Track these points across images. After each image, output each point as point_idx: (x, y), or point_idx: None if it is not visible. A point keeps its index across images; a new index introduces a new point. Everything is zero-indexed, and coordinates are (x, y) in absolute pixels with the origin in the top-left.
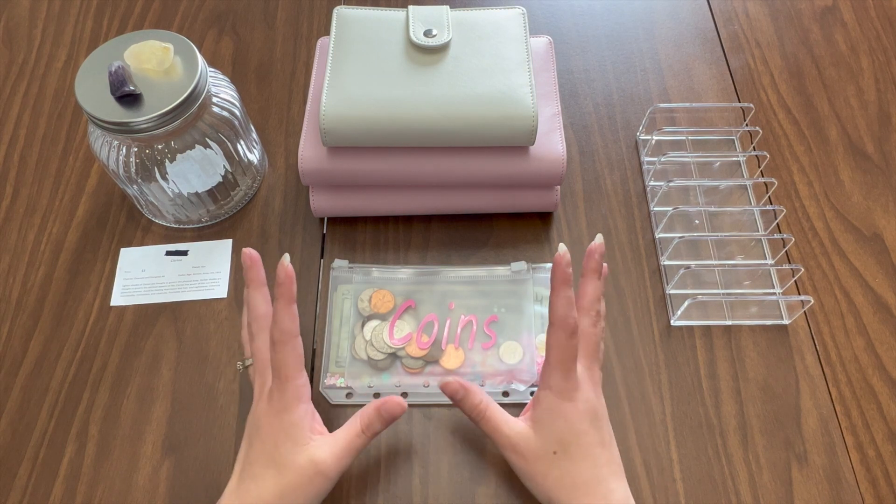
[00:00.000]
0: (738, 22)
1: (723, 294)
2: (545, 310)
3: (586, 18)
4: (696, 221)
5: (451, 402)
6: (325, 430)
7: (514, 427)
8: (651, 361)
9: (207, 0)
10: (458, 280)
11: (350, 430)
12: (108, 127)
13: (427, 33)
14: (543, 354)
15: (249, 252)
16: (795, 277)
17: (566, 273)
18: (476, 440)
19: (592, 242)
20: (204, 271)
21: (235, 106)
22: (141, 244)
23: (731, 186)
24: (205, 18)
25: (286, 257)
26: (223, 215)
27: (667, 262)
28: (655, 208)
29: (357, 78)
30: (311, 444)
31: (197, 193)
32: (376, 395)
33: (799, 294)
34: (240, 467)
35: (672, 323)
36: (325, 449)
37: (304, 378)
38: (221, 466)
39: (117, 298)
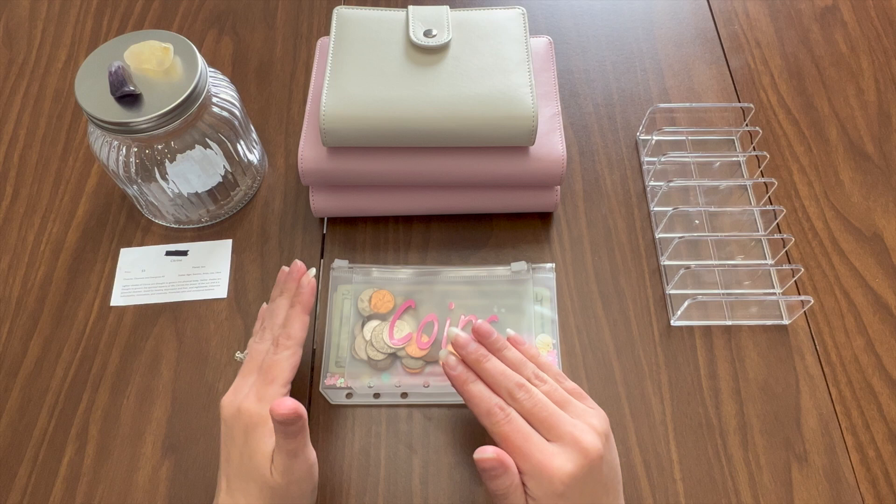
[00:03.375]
0: (738, 22)
1: (723, 294)
2: (545, 310)
3: (586, 18)
4: (696, 221)
5: (450, 403)
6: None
7: None
8: (651, 361)
9: (207, 0)
10: (458, 280)
11: (277, 438)
12: (108, 127)
13: (427, 33)
14: (543, 354)
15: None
16: (795, 277)
17: (455, 374)
18: (476, 440)
19: (477, 324)
20: (204, 271)
21: (235, 106)
22: (141, 244)
23: (731, 186)
24: (205, 18)
25: (313, 271)
26: (223, 215)
27: (667, 262)
28: (655, 208)
29: (357, 78)
30: (276, 457)
31: (197, 193)
32: (376, 396)
33: (799, 294)
34: (224, 479)
35: (672, 323)
36: (283, 461)
37: (288, 390)
38: None
39: (117, 298)
